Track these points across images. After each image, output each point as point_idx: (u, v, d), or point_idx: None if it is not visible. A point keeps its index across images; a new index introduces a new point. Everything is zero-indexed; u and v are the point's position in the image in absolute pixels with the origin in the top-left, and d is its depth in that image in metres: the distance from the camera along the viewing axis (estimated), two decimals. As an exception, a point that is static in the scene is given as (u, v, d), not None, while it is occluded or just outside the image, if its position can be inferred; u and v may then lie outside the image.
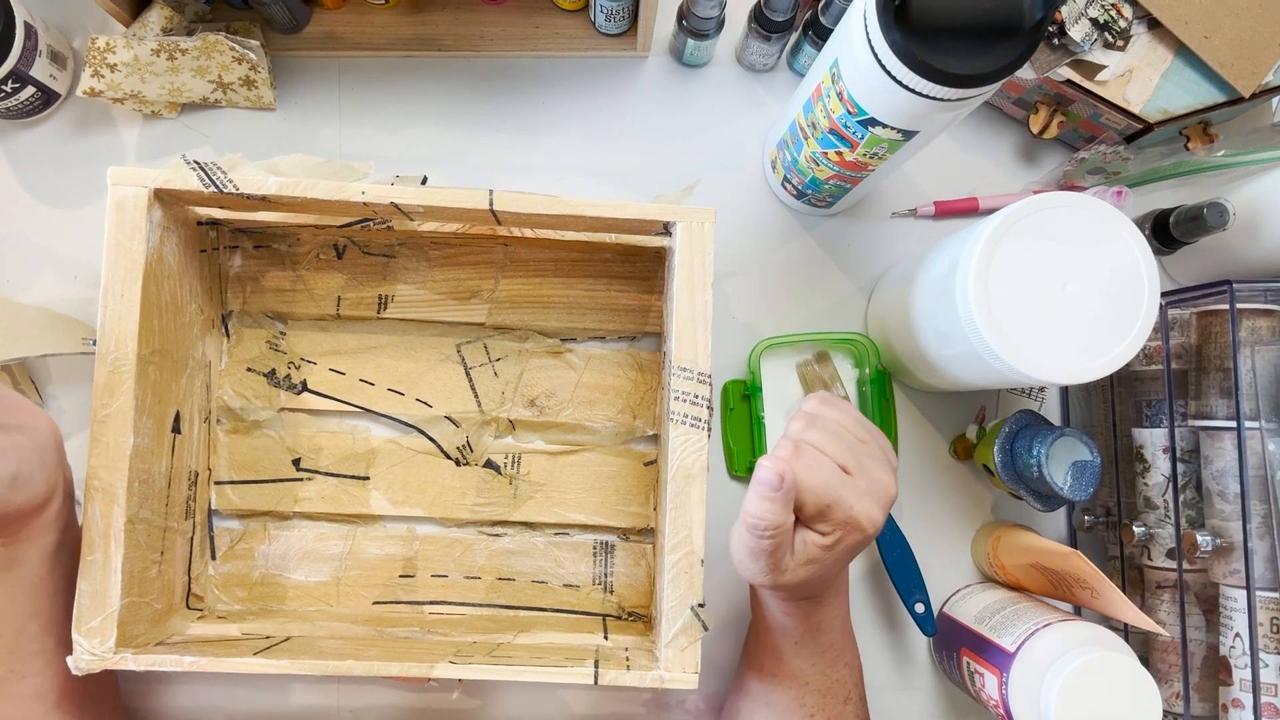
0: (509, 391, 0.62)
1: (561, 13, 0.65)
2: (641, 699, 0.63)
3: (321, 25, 0.64)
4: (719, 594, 0.62)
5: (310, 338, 0.62)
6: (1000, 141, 0.67)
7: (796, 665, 0.52)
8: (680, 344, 0.52)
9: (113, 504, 0.49)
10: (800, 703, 0.52)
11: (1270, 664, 0.53)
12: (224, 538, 0.61)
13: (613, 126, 0.66)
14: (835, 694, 0.53)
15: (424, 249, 0.62)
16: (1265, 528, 0.53)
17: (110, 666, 0.48)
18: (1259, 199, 0.58)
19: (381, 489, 0.61)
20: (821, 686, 0.52)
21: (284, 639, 0.54)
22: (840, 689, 0.53)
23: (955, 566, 0.65)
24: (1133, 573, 0.62)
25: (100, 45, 0.59)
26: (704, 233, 0.52)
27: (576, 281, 0.62)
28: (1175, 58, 0.60)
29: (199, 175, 0.51)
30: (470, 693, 0.62)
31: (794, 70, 0.66)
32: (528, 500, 0.62)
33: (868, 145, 0.51)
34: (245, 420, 0.61)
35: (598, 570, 0.62)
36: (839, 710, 0.53)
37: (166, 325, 0.54)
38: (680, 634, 0.50)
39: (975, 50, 0.43)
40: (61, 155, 0.63)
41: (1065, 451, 0.55)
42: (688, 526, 0.51)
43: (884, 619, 0.64)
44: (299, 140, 0.64)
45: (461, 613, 0.61)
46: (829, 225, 0.66)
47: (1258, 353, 0.54)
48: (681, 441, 0.51)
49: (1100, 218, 0.49)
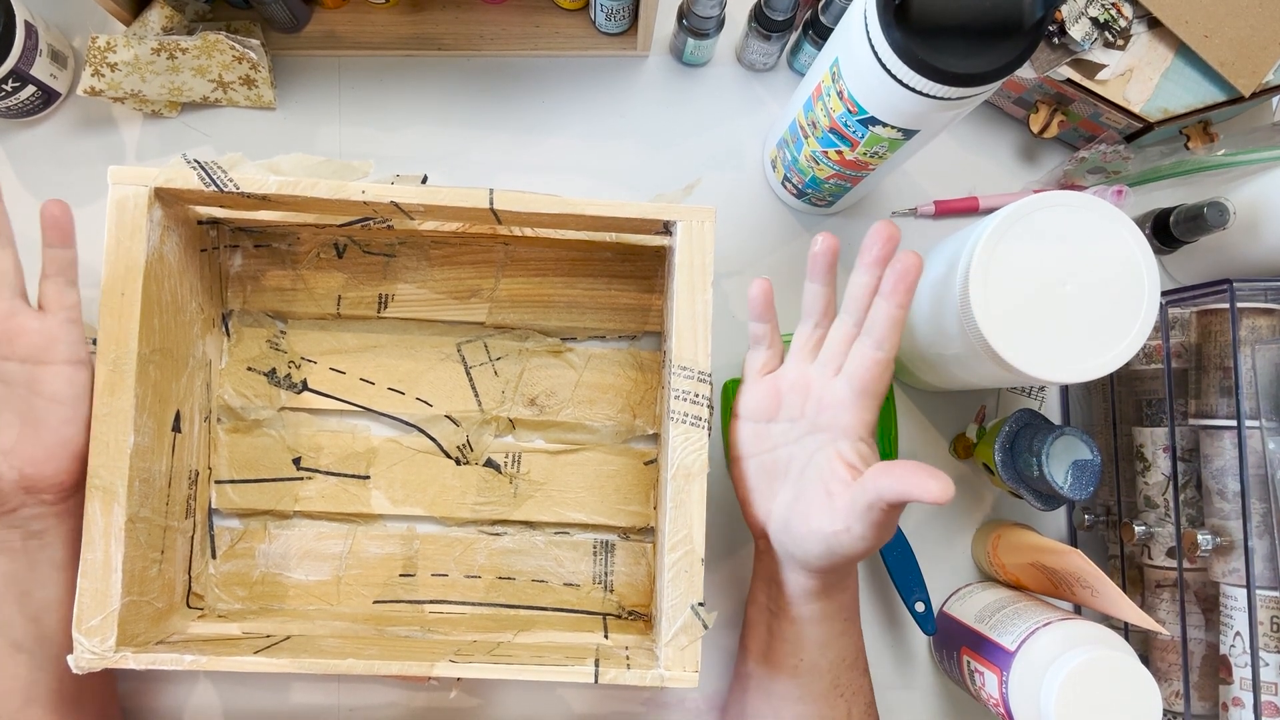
0: (509, 390, 0.62)
1: (561, 12, 0.65)
2: (641, 698, 0.63)
3: (322, 24, 0.64)
4: (719, 593, 0.62)
5: (310, 337, 0.62)
6: (1000, 141, 0.67)
7: (815, 652, 0.52)
8: (680, 343, 0.52)
9: (113, 503, 0.49)
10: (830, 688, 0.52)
11: (1270, 663, 0.53)
12: (224, 537, 0.61)
13: (613, 126, 0.66)
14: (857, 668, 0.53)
15: (424, 248, 0.62)
16: (1265, 526, 0.53)
17: (111, 665, 0.48)
18: (1259, 198, 0.58)
19: (382, 488, 0.61)
20: (839, 670, 0.52)
21: (284, 638, 0.54)
22: (859, 665, 0.53)
23: (955, 565, 0.65)
24: (1133, 571, 0.62)
25: (101, 44, 0.59)
26: (704, 232, 0.52)
27: (577, 280, 0.62)
28: (1175, 57, 0.60)
29: (199, 174, 0.51)
30: (470, 692, 0.62)
31: (794, 69, 0.66)
32: (528, 499, 0.62)
33: (868, 144, 0.51)
34: (246, 419, 0.61)
35: (598, 569, 0.62)
36: (861, 683, 0.53)
37: (167, 324, 0.54)
38: (680, 633, 0.50)
39: (975, 49, 0.43)
40: (62, 155, 0.63)
41: (1065, 450, 0.55)
42: (688, 525, 0.51)
43: (884, 618, 0.64)
44: (299, 139, 0.64)
45: (462, 612, 0.61)
46: (829, 224, 0.66)
47: (1258, 351, 0.54)
48: (682, 440, 0.51)
49: (1100, 217, 0.49)
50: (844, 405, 0.49)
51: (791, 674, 0.52)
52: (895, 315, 0.47)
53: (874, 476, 0.44)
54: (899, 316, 0.47)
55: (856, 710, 0.53)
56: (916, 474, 0.42)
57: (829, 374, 0.50)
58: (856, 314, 0.49)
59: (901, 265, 0.46)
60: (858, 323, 0.49)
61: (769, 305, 0.52)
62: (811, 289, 0.50)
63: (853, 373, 0.48)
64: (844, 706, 0.52)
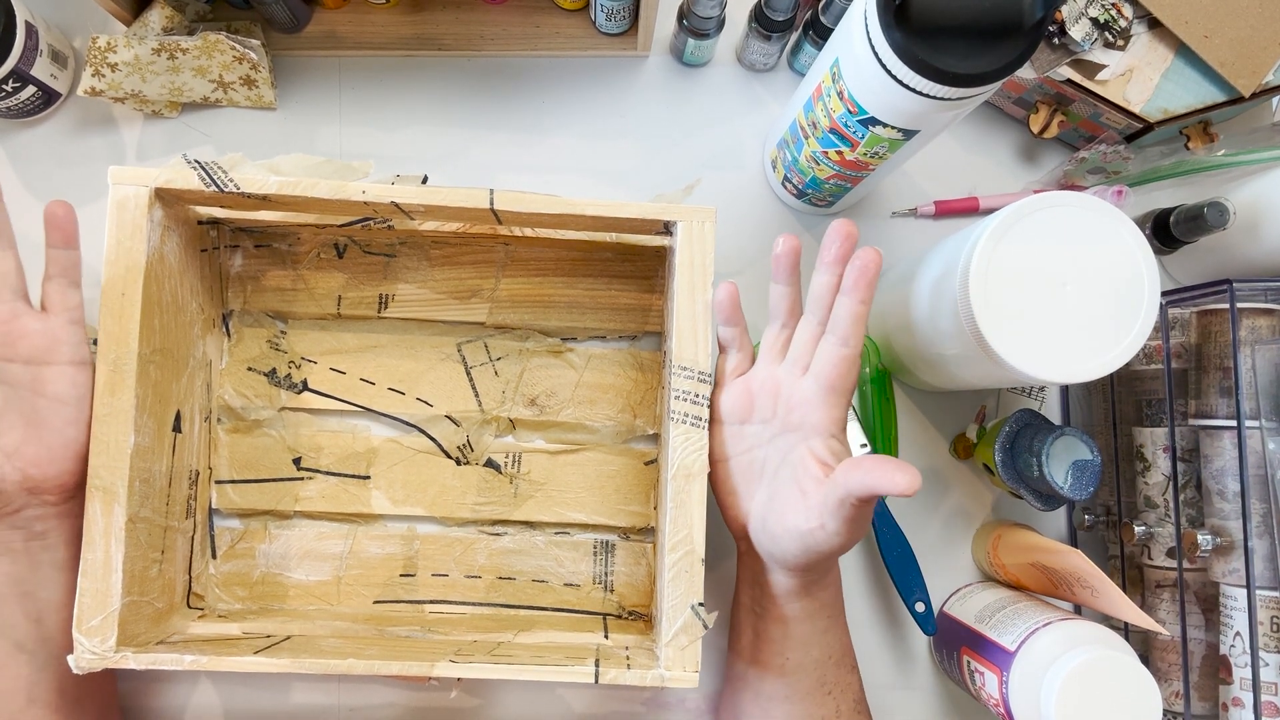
0: (509, 390, 0.62)
1: (562, 12, 0.65)
2: (641, 698, 0.63)
3: (322, 24, 0.64)
4: (719, 593, 0.62)
5: (311, 337, 0.62)
6: (1000, 141, 0.67)
7: (800, 651, 0.52)
8: (681, 343, 0.52)
9: (113, 503, 0.49)
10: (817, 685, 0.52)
11: (1270, 663, 0.53)
12: (224, 537, 0.61)
13: (613, 126, 0.66)
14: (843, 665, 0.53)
15: (424, 248, 0.62)
16: (1265, 527, 0.53)
17: (111, 665, 0.48)
18: (1259, 198, 0.58)
19: (382, 488, 0.61)
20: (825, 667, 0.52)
21: (284, 638, 0.54)
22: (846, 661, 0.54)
23: (955, 566, 0.65)
24: (1133, 572, 0.62)
25: (101, 45, 0.59)
26: (704, 232, 0.52)
27: (577, 281, 0.62)
28: (1175, 57, 0.60)
29: (200, 174, 0.51)
30: (471, 692, 0.62)
31: (794, 70, 0.66)
32: (528, 499, 0.62)
33: (868, 144, 0.51)
34: (246, 419, 0.61)
35: (598, 569, 0.62)
36: (848, 679, 0.54)
37: (167, 324, 0.54)
38: (680, 633, 0.50)
39: (975, 49, 0.43)
40: (62, 155, 0.63)
41: (1065, 451, 0.55)
42: (688, 525, 0.51)
43: (884, 618, 0.64)
44: (299, 139, 0.64)
45: (462, 612, 0.61)
46: (829, 225, 0.66)
47: (1258, 352, 0.54)
48: (682, 440, 0.51)
49: (1100, 217, 0.49)
50: (813, 403, 0.49)
51: (779, 673, 0.52)
52: (858, 311, 0.48)
53: (843, 472, 0.44)
54: (861, 312, 0.48)
55: (845, 706, 0.53)
56: (883, 467, 0.42)
57: (797, 373, 0.50)
58: (820, 313, 0.50)
59: (861, 262, 0.47)
60: (821, 321, 0.50)
61: (736, 308, 0.53)
62: (777, 290, 0.51)
63: (820, 370, 0.49)
64: (832, 704, 0.53)
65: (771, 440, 0.51)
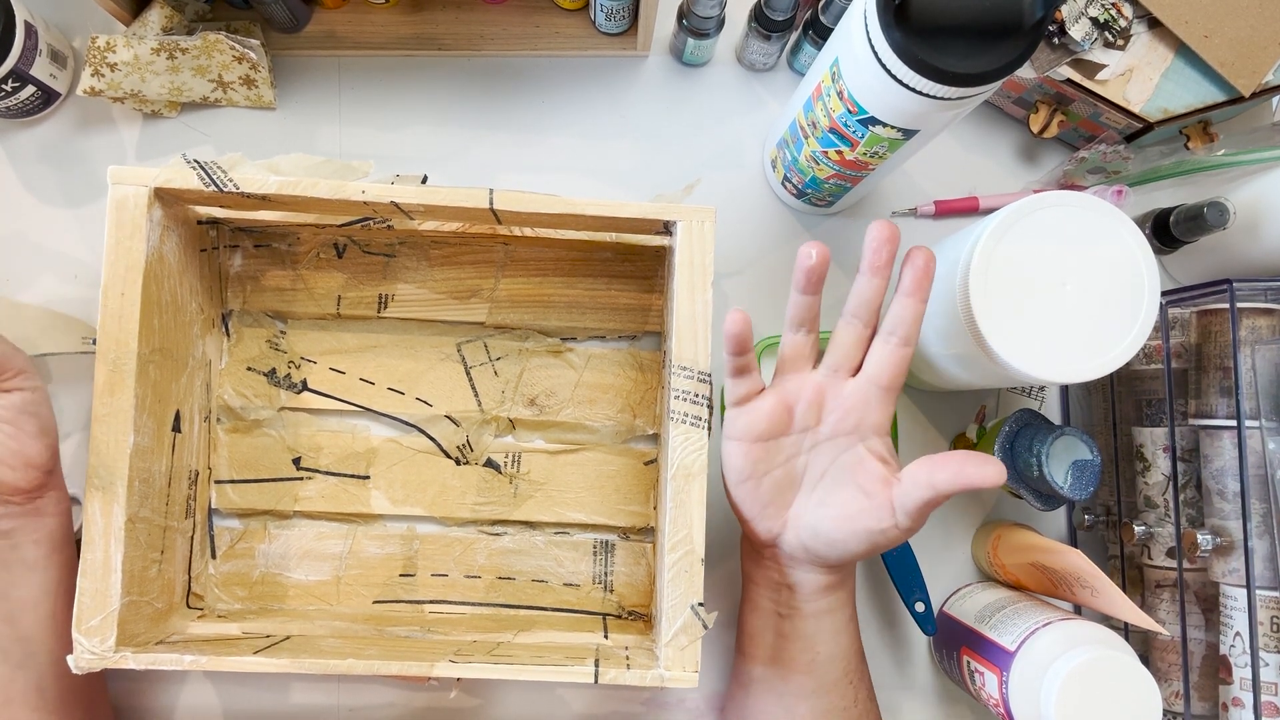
0: (509, 390, 0.62)
1: (561, 12, 0.65)
2: (641, 698, 0.63)
3: (322, 24, 0.64)
4: (719, 593, 0.62)
5: (310, 337, 0.62)
6: (1000, 141, 0.67)
7: (830, 643, 0.52)
8: (680, 343, 0.52)
9: (113, 503, 0.49)
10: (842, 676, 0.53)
11: (1270, 663, 0.53)
12: (224, 537, 0.61)
13: (613, 126, 0.66)
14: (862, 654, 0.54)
15: (424, 248, 0.62)
16: (1265, 526, 0.53)
17: (110, 665, 0.48)
18: (1259, 198, 0.58)
19: (382, 488, 0.61)
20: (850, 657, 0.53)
21: (284, 638, 0.54)
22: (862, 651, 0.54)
23: (955, 566, 0.65)
24: (1133, 572, 0.62)
25: (100, 44, 0.59)
26: (704, 232, 0.52)
27: (577, 280, 0.62)
28: (1175, 57, 0.60)
29: (199, 174, 0.51)
30: (470, 692, 0.62)
31: (794, 69, 0.66)
32: (528, 499, 0.62)
33: (868, 144, 0.51)
34: (245, 419, 0.61)
35: (598, 569, 0.62)
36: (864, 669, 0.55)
37: (167, 324, 0.54)
38: (680, 633, 0.50)
39: (975, 49, 0.43)
40: (61, 154, 0.63)
41: (1065, 451, 0.55)
42: (688, 525, 0.51)
43: (884, 618, 0.64)
44: (299, 139, 0.64)
45: (461, 612, 0.61)
46: (829, 224, 0.66)
47: (1258, 352, 0.54)
48: (682, 440, 0.51)
49: (1100, 217, 0.49)
50: (871, 404, 0.49)
51: (806, 670, 0.52)
52: (920, 311, 0.48)
53: (925, 472, 0.45)
54: (922, 311, 0.48)
55: (862, 694, 0.54)
56: (970, 462, 0.44)
57: (842, 377, 0.50)
58: (865, 316, 0.49)
59: (920, 262, 0.47)
60: (868, 324, 0.49)
61: (750, 337, 0.50)
62: (803, 300, 0.49)
63: (877, 372, 0.49)
64: (852, 693, 0.53)
65: (815, 447, 0.51)
